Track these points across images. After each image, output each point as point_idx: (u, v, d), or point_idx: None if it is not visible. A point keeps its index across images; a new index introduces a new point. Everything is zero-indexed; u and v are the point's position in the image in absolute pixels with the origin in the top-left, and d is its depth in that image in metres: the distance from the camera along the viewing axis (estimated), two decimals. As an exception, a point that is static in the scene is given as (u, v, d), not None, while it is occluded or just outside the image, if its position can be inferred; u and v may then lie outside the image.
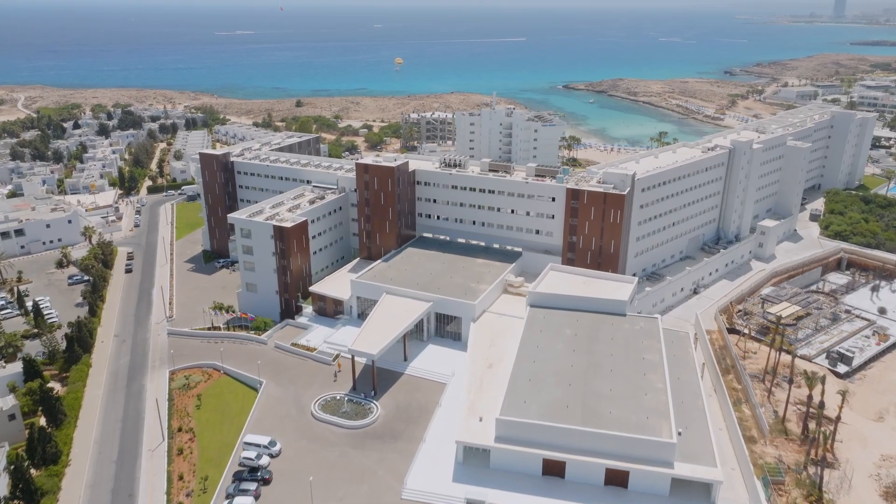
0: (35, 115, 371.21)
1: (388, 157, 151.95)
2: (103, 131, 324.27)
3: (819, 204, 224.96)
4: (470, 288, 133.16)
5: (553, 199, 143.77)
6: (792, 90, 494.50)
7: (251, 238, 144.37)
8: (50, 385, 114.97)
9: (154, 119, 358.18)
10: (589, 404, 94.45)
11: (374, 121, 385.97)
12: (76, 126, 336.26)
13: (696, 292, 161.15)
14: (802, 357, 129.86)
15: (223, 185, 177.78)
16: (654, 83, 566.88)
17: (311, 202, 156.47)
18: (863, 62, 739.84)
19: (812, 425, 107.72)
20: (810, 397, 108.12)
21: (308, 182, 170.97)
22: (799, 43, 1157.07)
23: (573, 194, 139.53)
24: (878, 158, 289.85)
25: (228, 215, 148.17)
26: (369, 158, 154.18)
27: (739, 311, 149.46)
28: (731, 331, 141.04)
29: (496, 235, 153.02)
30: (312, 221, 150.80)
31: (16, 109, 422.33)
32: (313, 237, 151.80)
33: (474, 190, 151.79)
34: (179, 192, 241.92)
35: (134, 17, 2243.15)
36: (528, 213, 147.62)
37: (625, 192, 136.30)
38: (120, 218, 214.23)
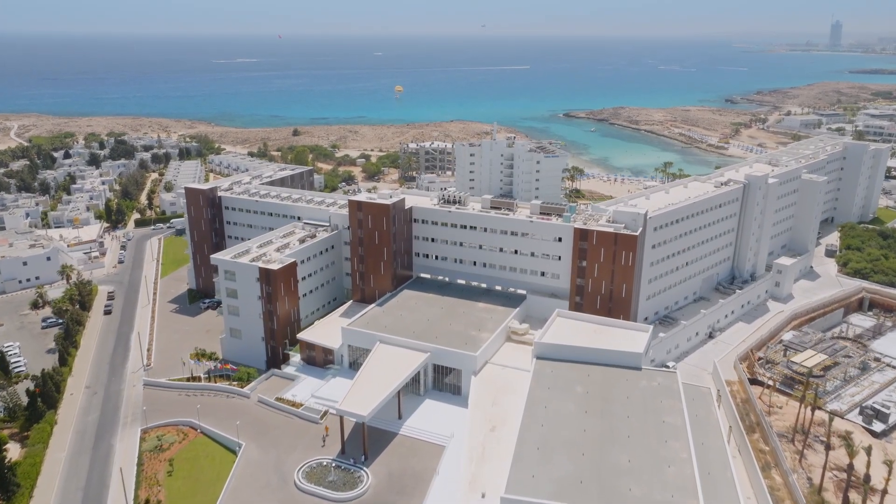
0: (27, 145, 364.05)
1: (384, 194, 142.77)
2: (94, 161, 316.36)
3: (834, 238, 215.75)
4: (470, 336, 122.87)
5: (559, 240, 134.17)
6: (795, 119, 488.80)
7: (235, 280, 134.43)
8: (7, 447, 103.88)
9: (147, 148, 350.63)
10: (606, 480, 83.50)
11: (372, 150, 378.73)
12: (67, 156, 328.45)
13: (711, 336, 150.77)
14: (833, 413, 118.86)
15: (210, 222, 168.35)
16: (656, 111, 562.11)
17: (302, 241, 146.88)
18: (863, 90, 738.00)
19: (853, 496, 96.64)
20: (851, 466, 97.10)
21: (299, 219, 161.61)
22: (798, 71, 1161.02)
23: (581, 234, 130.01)
24: (889, 189, 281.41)
25: (211, 256, 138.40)
26: (363, 195, 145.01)
27: (760, 359, 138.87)
28: (753, 381, 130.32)
29: (499, 277, 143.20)
30: (302, 262, 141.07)
31: (8, 138, 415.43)
32: (303, 278, 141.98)
33: (475, 229, 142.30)
34: (168, 225, 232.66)
35: (138, 45, 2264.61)
36: (532, 254, 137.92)
37: (637, 233, 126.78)
38: (104, 253, 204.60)
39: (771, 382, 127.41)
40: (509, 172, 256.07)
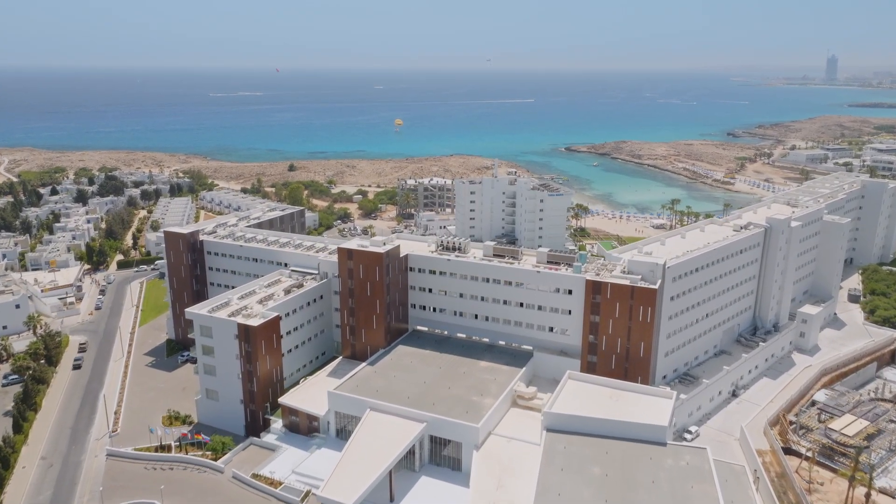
0: (14, 180, 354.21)
1: (376, 241, 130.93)
2: (81, 198, 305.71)
3: (855, 282, 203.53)
4: (472, 403, 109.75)
5: (569, 292, 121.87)
6: (801, 153, 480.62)
7: (212, 337, 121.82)
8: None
9: (138, 184, 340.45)
10: None
11: (369, 186, 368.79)
12: (54, 192, 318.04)
13: (734, 395, 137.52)
14: (882, 491, 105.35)
15: (190, 268, 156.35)
16: (659, 145, 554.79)
17: (287, 291, 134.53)
18: (865, 124, 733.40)
19: None
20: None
21: (286, 265, 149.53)
22: (797, 105, 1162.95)
23: (594, 287, 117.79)
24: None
25: (186, 310, 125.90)
26: (354, 241, 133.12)
27: (793, 423, 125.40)
28: (788, 451, 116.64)
29: (502, 332, 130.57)
30: (287, 315, 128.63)
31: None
32: (287, 333, 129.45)
33: (476, 279, 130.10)
34: (152, 266, 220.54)
35: (139, 79, 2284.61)
36: (539, 308, 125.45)
37: (656, 286, 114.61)
38: (80, 299, 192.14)
39: (809, 453, 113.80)
40: (511, 211, 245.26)
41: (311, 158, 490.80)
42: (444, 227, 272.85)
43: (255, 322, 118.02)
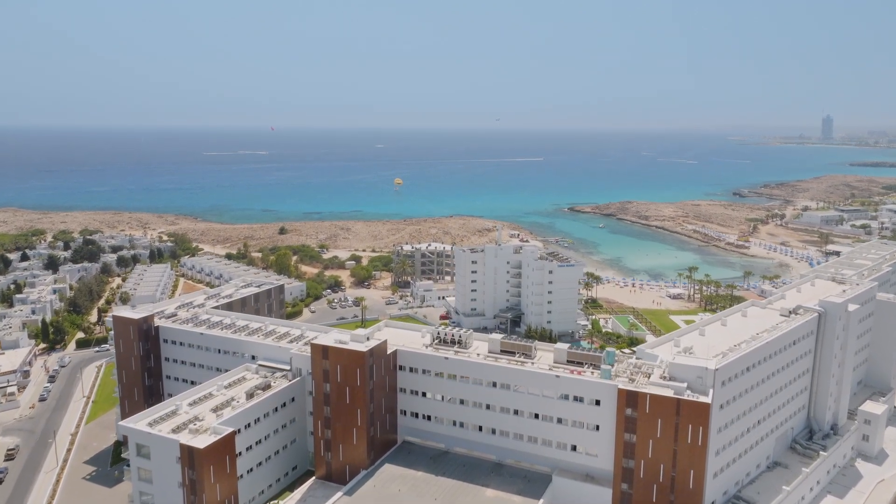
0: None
1: (358, 336, 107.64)
2: (52, 264, 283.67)
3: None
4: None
5: (597, 403, 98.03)
6: (815, 214, 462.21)
7: (150, 458, 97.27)
8: None
9: (116, 249, 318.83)
10: None
11: (363, 250, 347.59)
12: (24, 257, 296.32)
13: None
14: None
15: (142, 359, 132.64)
16: (665, 206, 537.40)
17: (251, 394, 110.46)
18: (873, 184, 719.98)
19: None
20: None
21: (253, 358, 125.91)
22: (799, 164, 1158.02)
23: (629, 398, 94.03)
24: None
25: (118, 423, 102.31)
26: (330, 337, 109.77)
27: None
28: None
29: (513, 449, 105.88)
30: (248, 426, 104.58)
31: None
32: (248, 448, 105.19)
33: (480, 382, 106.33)
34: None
35: (142, 137, 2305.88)
36: (559, 421, 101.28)
37: (709, 398, 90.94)
38: (23, 388, 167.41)
39: None
40: (517, 283, 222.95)
41: (306, 220, 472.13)
42: (443, 297, 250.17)
43: (202, 442, 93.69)
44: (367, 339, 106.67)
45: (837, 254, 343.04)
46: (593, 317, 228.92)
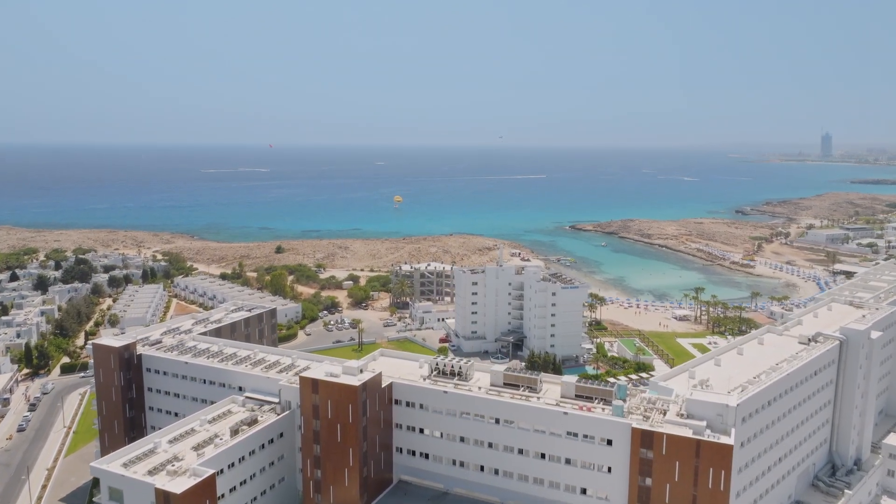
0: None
1: (350, 368, 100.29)
2: (42, 285, 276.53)
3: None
4: None
5: (608, 443, 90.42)
6: (820, 233, 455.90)
7: (123, 503, 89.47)
8: None
9: (108, 269, 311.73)
10: None
11: (362, 269, 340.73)
12: (14, 277, 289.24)
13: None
14: None
15: (123, 390, 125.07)
16: (668, 224, 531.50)
17: (235, 430, 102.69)
18: (876, 202, 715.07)
19: None
20: None
21: (240, 389, 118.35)
22: (800, 181, 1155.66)
23: (643, 438, 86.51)
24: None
25: (91, 465, 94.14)
26: (320, 369, 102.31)
27: None
28: None
29: (517, 491, 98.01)
30: (231, 466, 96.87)
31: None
32: (231, 490, 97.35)
33: (482, 418, 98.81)
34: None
35: (146, 154, 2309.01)
36: (567, 461, 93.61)
37: (731, 438, 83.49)
38: (2, 416, 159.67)
39: None
40: (519, 304, 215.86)
41: (304, 238, 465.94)
42: (443, 319, 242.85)
43: (179, 486, 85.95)
44: (360, 371, 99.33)
45: (846, 273, 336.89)
46: (598, 340, 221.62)
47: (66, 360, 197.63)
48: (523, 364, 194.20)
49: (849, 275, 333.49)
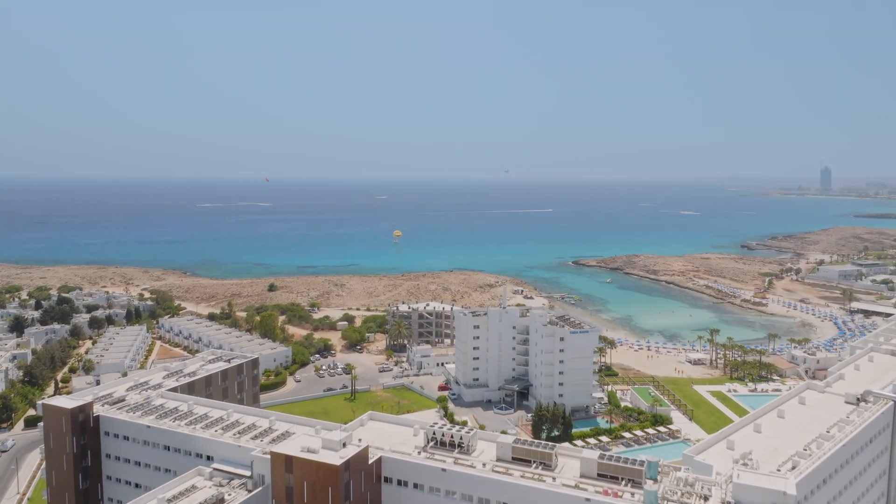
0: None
1: (332, 441, 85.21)
2: (17, 326, 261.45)
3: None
4: None
5: (641, 537, 74.92)
6: (832, 269, 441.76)
7: None
8: None
9: (91, 308, 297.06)
10: None
11: (357, 308, 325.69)
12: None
13: None
14: None
15: (77, 457, 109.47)
16: (674, 259, 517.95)
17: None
18: (884, 236, 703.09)
19: None
20: None
21: (209, 459, 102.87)
22: (803, 215, 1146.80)
23: (684, 534, 71.02)
24: None
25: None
26: (295, 443, 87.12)
27: None
28: None
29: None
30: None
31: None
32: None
33: (487, 502, 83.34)
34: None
35: (147, 188, 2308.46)
36: (591, 557, 77.92)
37: (792, 538, 68.05)
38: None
39: None
40: (524, 349, 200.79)
41: (299, 274, 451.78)
42: (443, 364, 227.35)
43: None
44: (343, 445, 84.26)
45: (864, 312, 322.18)
46: (609, 387, 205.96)
47: (31, 412, 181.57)
48: (529, 416, 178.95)
49: (867, 314, 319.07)
